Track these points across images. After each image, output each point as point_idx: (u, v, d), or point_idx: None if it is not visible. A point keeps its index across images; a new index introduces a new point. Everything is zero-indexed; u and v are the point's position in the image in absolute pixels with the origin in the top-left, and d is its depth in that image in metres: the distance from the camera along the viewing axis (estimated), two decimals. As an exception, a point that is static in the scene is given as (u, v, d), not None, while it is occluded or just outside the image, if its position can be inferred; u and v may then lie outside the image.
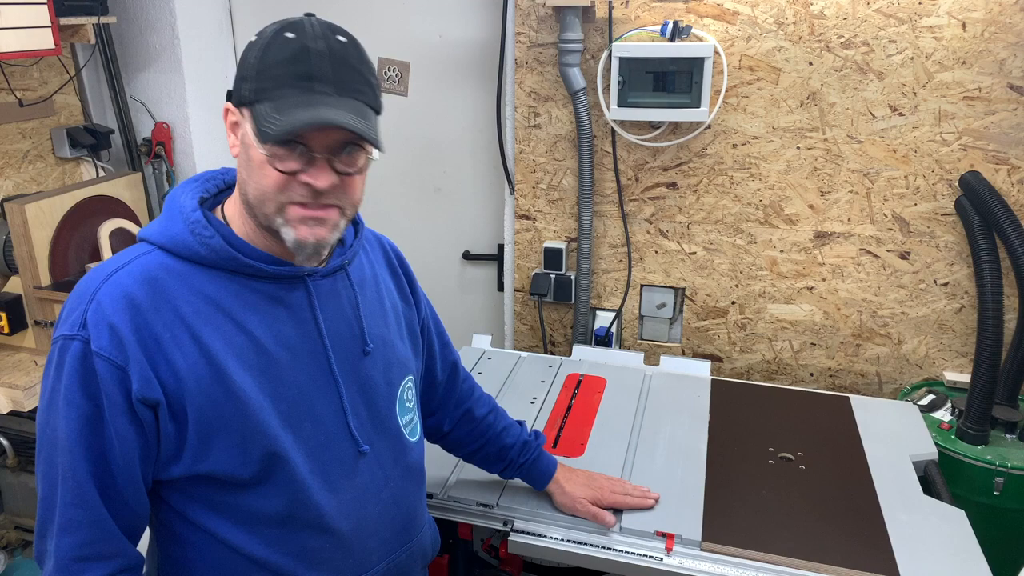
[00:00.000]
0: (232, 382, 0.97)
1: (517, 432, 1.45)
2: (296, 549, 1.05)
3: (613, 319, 2.34)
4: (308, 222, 0.96)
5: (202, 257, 0.98)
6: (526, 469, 1.44)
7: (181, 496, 1.02)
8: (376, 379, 1.12)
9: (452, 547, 1.62)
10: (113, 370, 0.92)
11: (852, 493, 1.51)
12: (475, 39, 2.41)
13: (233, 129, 0.98)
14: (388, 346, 1.15)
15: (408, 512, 1.19)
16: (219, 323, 0.98)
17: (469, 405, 1.42)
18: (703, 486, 1.52)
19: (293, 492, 1.02)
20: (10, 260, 2.08)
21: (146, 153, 2.59)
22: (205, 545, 1.03)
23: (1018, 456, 1.85)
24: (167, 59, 2.50)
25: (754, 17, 1.99)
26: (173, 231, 0.99)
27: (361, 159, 0.97)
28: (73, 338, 0.92)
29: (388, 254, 1.27)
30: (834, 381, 2.25)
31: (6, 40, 1.91)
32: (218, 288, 0.99)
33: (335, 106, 0.91)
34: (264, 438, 0.99)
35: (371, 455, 1.11)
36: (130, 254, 1.00)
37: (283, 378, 1.02)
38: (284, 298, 1.03)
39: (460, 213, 2.61)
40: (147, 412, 0.94)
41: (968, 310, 2.07)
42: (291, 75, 0.91)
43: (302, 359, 1.04)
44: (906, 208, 2.04)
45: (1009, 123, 1.90)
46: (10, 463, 2.15)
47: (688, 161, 2.16)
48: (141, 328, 0.94)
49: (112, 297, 0.94)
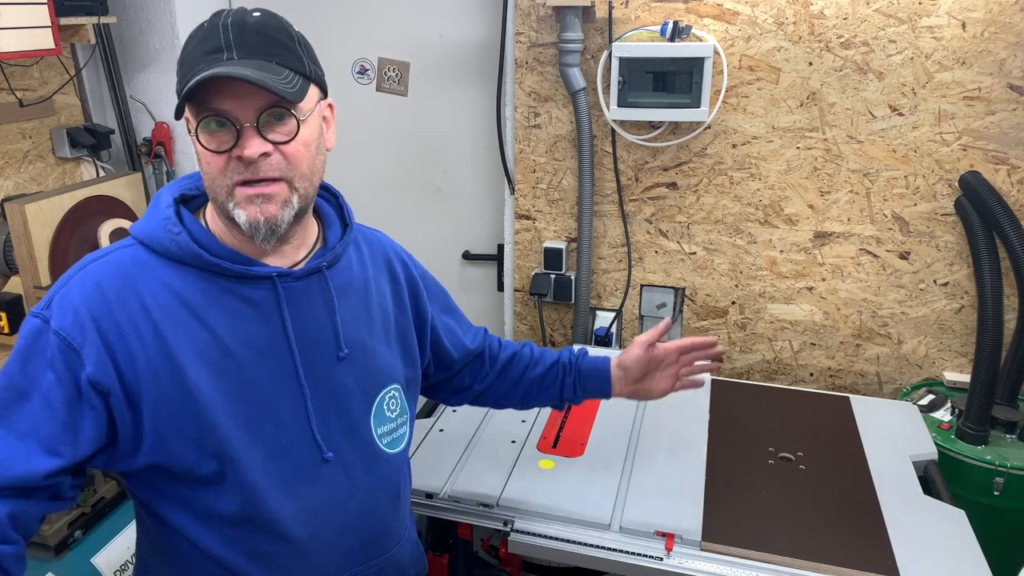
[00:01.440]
0: (187, 378, 0.97)
1: (556, 352, 1.40)
2: (251, 551, 1.04)
3: (613, 319, 2.34)
4: (255, 200, 0.95)
5: (172, 253, 0.99)
6: (581, 368, 1.37)
7: (149, 489, 1.03)
8: (350, 386, 1.09)
9: (452, 547, 1.62)
10: (67, 350, 0.94)
11: (852, 493, 1.51)
12: (475, 39, 2.41)
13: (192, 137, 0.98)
14: (368, 353, 1.12)
15: (378, 526, 1.16)
16: (183, 319, 0.98)
17: (501, 352, 1.39)
18: (703, 486, 1.52)
19: (245, 494, 1.01)
20: (10, 260, 2.08)
21: (146, 153, 2.59)
22: (171, 537, 1.05)
23: (1018, 456, 1.85)
24: (167, 59, 2.49)
25: (754, 17, 1.99)
26: (149, 227, 1.01)
27: (291, 124, 0.95)
28: (36, 316, 0.96)
29: (389, 258, 1.23)
30: (834, 381, 2.25)
31: (6, 40, 1.91)
32: (187, 285, 0.99)
33: (235, 66, 0.91)
34: (215, 437, 0.98)
35: (336, 463, 1.07)
36: (113, 247, 1.03)
37: (244, 378, 1.01)
38: (253, 298, 1.02)
39: (460, 213, 2.61)
40: (97, 398, 0.95)
41: (968, 310, 2.07)
42: (202, 52, 0.93)
43: (266, 361, 1.02)
44: (906, 208, 2.04)
45: (1009, 123, 1.90)
46: (10, 463, 2.15)
47: (688, 161, 2.16)
48: (104, 316, 0.95)
49: (83, 284, 0.97)
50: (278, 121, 0.94)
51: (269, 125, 0.94)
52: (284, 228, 0.99)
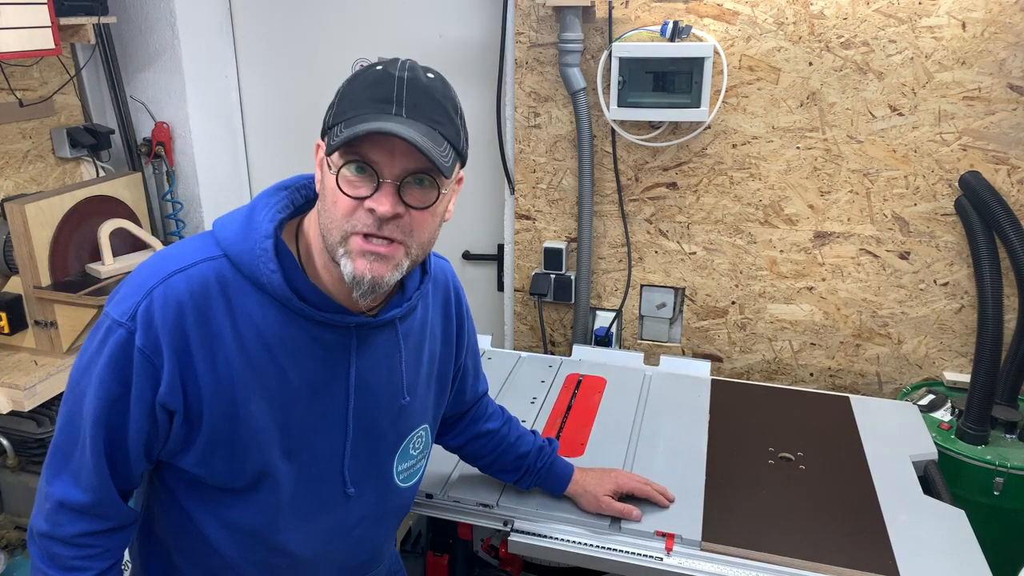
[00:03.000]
0: (248, 410, 1.00)
1: (531, 440, 1.45)
2: (256, 559, 1.10)
3: (613, 319, 2.34)
4: (368, 256, 0.92)
5: (261, 284, 0.98)
6: (544, 474, 1.44)
7: (174, 476, 1.07)
8: (386, 427, 1.12)
9: (452, 547, 1.62)
10: (148, 367, 0.96)
11: (852, 493, 1.51)
12: (475, 39, 2.41)
13: (321, 164, 0.96)
14: (414, 398, 1.15)
15: (373, 550, 1.23)
16: (256, 352, 0.99)
17: (484, 422, 1.43)
18: (703, 486, 1.52)
19: (269, 513, 1.07)
20: (10, 260, 2.08)
21: (146, 153, 2.59)
22: (182, 522, 1.09)
23: (1018, 456, 1.85)
24: (167, 59, 2.49)
25: (754, 17, 1.99)
26: (243, 248, 0.98)
27: (433, 195, 0.94)
28: (121, 325, 0.95)
29: (448, 296, 1.23)
30: (834, 381, 2.25)
31: (6, 40, 1.91)
32: (266, 316, 0.99)
33: (403, 124, 0.89)
34: (260, 463, 1.03)
35: (355, 497, 1.12)
36: (197, 254, 0.99)
37: (296, 412, 1.04)
38: (325, 340, 1.02)
39: (460, 213, 2.61)
40: (164, 415, 0.99)
41: (968, 310, 2.07)
42: (369, 98, 0.91)
43: (321, 398, 1.05)
44: (906, 208, 2.04)
45: (1009, 123, 1.90)
46: (10, 463, 2.15)
47: (688, 161, 2.16)
48: (181, 338, 0.96)
49: (165, 300, 0.95)
50: (419, 186, 0.93)
51: (409, 187, 0.92)
52: (386, 288, 0.97)
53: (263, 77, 2.68)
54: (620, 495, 1.43)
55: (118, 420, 0.97)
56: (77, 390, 0.99)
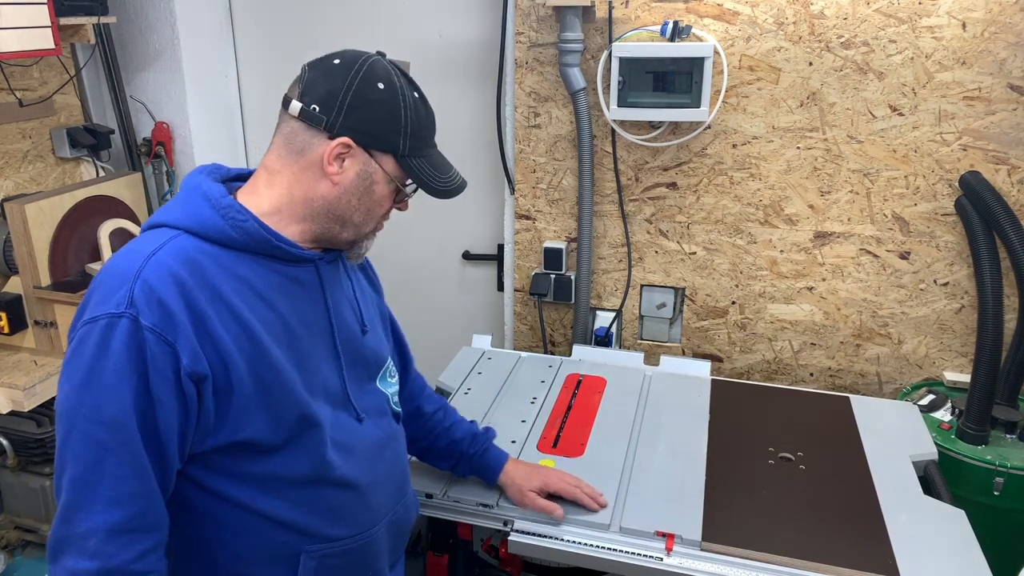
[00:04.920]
0: (270, 355, 1.04)
1: (467, 427, 1.51)
2: (321, 507, 1.12)
3: (613, 319, 2.34)
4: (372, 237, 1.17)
5: (233, 240, 1.04)
6: (476, 461, 1.48)
7: (202, 468, 1.06)
8: (368, 357, 1.23)
9: (452, 547, 1.62)
10: (163, 345, 0.96)
11: (852, 493, 1.51)
12: (475, 39, 2.41)
13: (338, 159, 1.07)
14: (374, 329, 1.26)
15: (403, 470, 1.31)
16: (252, 302, 1.05)
17: (419, 402, 1.48)
18: (703, 486, 1.52)
19: (315, 454, 1.10)
20: (10, 260, 2.08)
21: (146, 153, 2.59)
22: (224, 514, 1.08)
23: (1018, 456, 1.85)
24: (167, 59, 2.50)
25: (754, 17, 1.99)
26: (202, 215, 1.04)
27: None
28: (121, 315, 0.95)
29: None
30: (834, 381, 2.25)
31: (6, 40, 1.91)
32: (247, 269, 1.06)
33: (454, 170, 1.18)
34: (297, 405, 1.07)
35: (368, 421, 1.20)
36: (159, 237, 1.03)
37: (303, 351, 1.10)
38: (301, 278, 1.12)
39: (460, 213, 2.61)
40: (192, 388, 0.98)
41: (968, 310, 2.07)
42: (430, 136, 1.15)
43: (316, 335, 1.13)
44: (906, 208, 2.04)
45: (1009, 123, 1.90)
46: (10, 463, 2.15)
47: (688, 161, 2.16)
48: (189, 305, 0.98)
49: (159, 275, 0.97)
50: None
51: None
52: None
53: (263, 77, 2.68)
54: (546, 494, 1.45)
55: (147, 413, 0.96)
56: (83, 411, 0.95)
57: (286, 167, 1.09)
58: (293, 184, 1.09)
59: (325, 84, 1.07)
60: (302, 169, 1.08)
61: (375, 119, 1.07)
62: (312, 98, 1.07)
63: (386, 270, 2.78)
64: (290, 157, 1.09)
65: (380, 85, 1.07)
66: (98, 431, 0.94)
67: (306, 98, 1.07)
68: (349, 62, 1.08)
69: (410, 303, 2.78)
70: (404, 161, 1.10)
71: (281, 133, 1.11)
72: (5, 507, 2.27)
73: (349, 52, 1.11)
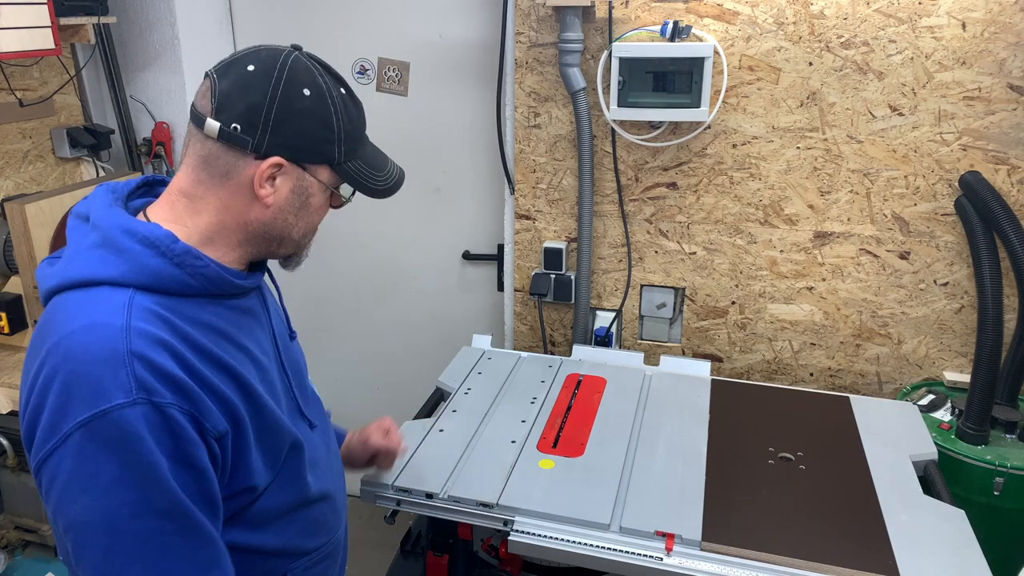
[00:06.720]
0: (258, 395, 1.02)
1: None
2: (302, 527, 1.12)
3: (613, 319, 2.34)
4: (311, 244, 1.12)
5: (190, 288, 0.96)
6: None
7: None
8: (299, 359, 1.22)
9: (452, 547, 1.62)
10: (186, 417, 0.90)
11: (852, 493, 1.51)
12: (475, 39, 2.41)
13: (269, 180, 0.98)
14: (293, 335, 1.25)
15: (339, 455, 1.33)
16: (224, 346, 0.99)
17: None
18: (703, 486, 1.52)
19: (293, 480, 1.10)
20: (10, 260, 2.08)
21: (146, 153, 2.59)
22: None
23: (1018, 456, 1.85)
24: (167, 59, 2.50)
25: (754, 17, 1.99)
26: (152, 267, 0.93)
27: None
28: (134, 403, 0.86)
29: None
30: (834, 381, 2.25)
31: (6, 40, 1.91)
32: (209, 314, 0.98)
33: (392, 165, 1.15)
34: (288, 435, 1.07)
35: (317, 427, 1.20)
36: (114, 302, 0.91)
37: (270, 379, 1.08)
38: (249, 308, 1.08)
39: (460, 213, 2.61)
40: (217, 447, 0.94)
41: (968, 310, 2.07)
42: (362, 132, 1.09)
43: (268, 356, 1.10)
44: (906, 208, 2.04)
45: (1009, 123, 1.90)
46: (10, 463, 2.15)
47: (688, 161, 2.16)
48: (188, 369, 0.91)
49: (151, 348, 0.88)
50: None
51: None
52: None
53: (263, 77, 2.68)
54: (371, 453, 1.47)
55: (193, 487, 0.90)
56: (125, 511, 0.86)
57: (210, 192, 0.98)
58: (222, 211, 0.99)
59: (244, 98, 0.94)
60: (230, 195, 0.98)
61: (305, 131, 0.98)
62: (230, 116, 0.94)
63: (386, 270, 2.80)
64: (212, 181, 0.98)
65: (306, 91, 0.97)
66: (152, 523, 0.87)
67: (223, 116, 0.94)
68: (266, 68, 0.96)
69: (410, 303, 2.79)
70: (340, 168, 1.03)
71: (196, 154, 0.98)
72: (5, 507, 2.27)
73: (262, 52, 0.98)
